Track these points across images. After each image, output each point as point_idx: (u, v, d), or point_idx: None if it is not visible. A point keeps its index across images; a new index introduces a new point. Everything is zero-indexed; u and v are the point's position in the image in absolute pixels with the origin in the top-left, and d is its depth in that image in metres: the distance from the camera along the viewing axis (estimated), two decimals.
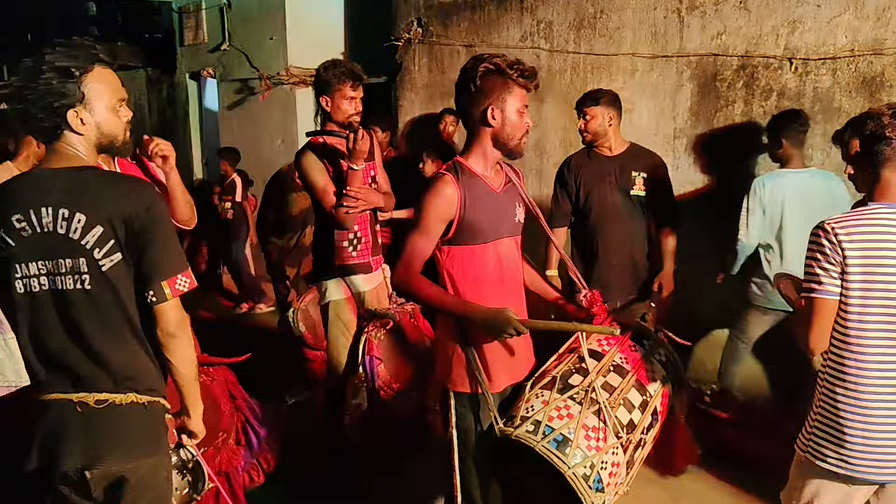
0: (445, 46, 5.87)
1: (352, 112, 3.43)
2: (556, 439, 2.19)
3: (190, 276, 1.98)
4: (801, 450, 2.24)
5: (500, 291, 2.46)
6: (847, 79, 3.97)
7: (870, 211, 2.10)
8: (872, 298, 2.05)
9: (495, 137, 2.38)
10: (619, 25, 4.80)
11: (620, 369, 2.40)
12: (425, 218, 2.35)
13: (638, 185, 3.82)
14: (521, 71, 2.33)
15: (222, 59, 8.40)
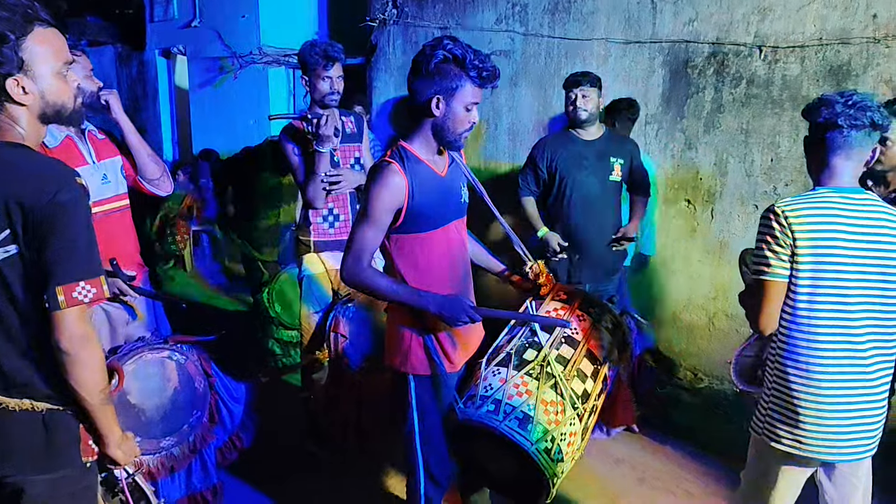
0: (420, 28, 5.85)
1: (327, 91, 3.46)
2: (517, 417, 2.23)
3: (98, 286, 1.70)
4: (756, 431, 2.29)
5: (451, 277, 2.46)
6: (815, 67, 4.04)
7: (818, 195, 2.15)
8: (822, 279, 2.11)
9: (435, 128, 2.31)
10: (593, 10, 4.82)
11: (572, 340, 2.46)
12: (373, 208, 2.27)
13: (616, 171, 3.89)
14: (481, 70, 2.22)
15: (193, 37, 8.28)
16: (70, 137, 2.80)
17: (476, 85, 2.25)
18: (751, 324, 2.21)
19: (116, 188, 2.98)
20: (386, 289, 2.32)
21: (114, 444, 1.88)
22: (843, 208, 2.13)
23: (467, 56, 2.21)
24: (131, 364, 2.72)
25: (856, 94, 2.16)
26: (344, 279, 2.36)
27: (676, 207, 4.66)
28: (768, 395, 2.24)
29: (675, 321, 4.78)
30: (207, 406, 2.89)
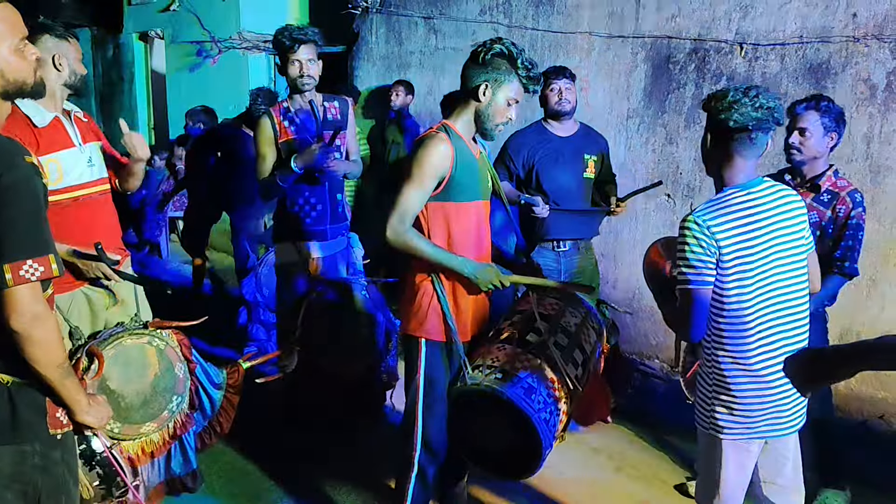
0: (404, 17, 5.84)
1: (296, 75, 3.42)
2: (523, 387, 2.41)
3: (47, 264, 1.69)
4: (703, 427, 2.35)
5: (478, 249, 2.64)
6: (794, 65, 4.10)
7: (731, 197, 2.17)
8: (747, 275, 2.15)
9: (478, 113, 2.51)
10: (577, 4, 4.84)
11: (566, 331, 2.67)
12: (421, 172, 2.46)
13: (590, 167, 3.90)
14: (529, 70, 2.45)
15: (172, 20, 8.18)
16: (58, 118, 2.79)
17: (521, 83, 2.47)
18: (682, 336, 2.27)
19: (100, 171, 2.97)
20: (427, 249, 2.49)
21: (82, 412, 1.89)
22: (754, 204, 2.18)
23: (520, 57, 2.45)
24: (111, 349, 2.69)
25: (760, 93, 2.15)
26: (388, 238, 2.50)
27: (657, 201, 4.71)
28: (709, 391, 2.29)
29: (653, 314, 4.82)
30: (188, 392, 2.88)
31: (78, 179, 2.80)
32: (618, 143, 4.76)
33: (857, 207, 2.99)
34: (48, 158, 2.68)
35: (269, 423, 3.82)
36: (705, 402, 2.31)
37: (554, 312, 2.73)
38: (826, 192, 3.02)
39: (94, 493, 2.15)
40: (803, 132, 2.97)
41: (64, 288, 2.81)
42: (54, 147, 2.71)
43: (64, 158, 2.74)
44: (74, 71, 2.78)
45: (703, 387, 2.32)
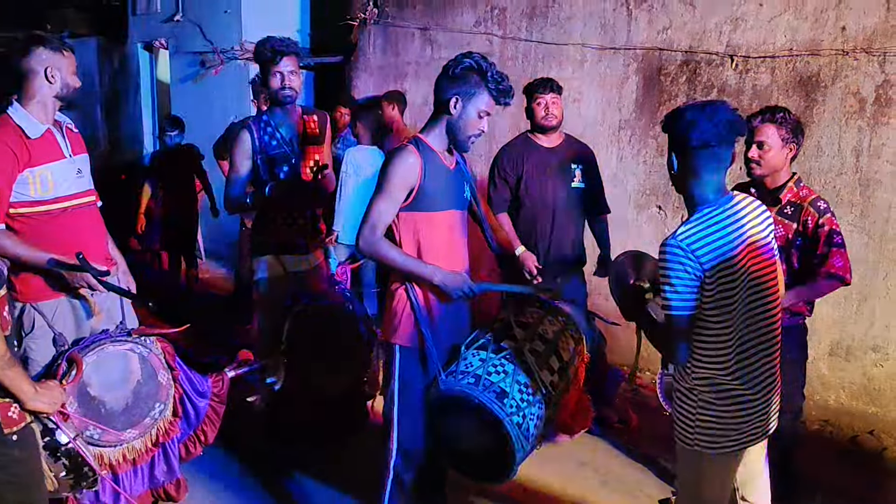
0: (400, 28, 5.88)
1: (278, 87, 3.38)
2: (494, 391, 2.45)
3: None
4: (687, 445, 2.32)
5: (449, 258, 2.67)
6: (785, 77, 4.11)
7: (707, 217, 2.13)
8: (728, 296, 2.13)
9: (449, 125, 2.58)
10: (569, 16, 4.87)
11: (543, 338, 2.70)
12: (390, 183, 2.54)
13: (577, 177, 3.89)
14: (499, 84, 2.51)
15: (175, 31, 8.26)
16: (50, 130, 2.81)
17: (491, 96, 2.53)
18: (668, 358, 2.28)
19: (89, 183, 2.98)
20: (397, 258, 2.58)
21: (29, 400, 1.98)
22: (730, 221, 2.16)
23: (489, 70, 2.52)
24: (93, 356, 2.71)
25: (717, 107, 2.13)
26: (360, 248, 2.59)
27: (648, 213, 4.72)
28: (692, 407, 2.27)
29: None
30: (171, 400, 2.89)
31: (68, 190, 2.82)
32: (609, 155, 4.78)
33: (823, 215, 2.93)
34: (40, 169, 2.71)
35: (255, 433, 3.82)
36: (687, 418, 2.29)
37: (532, 320, 2.76)
38: (788, 204, 2.97)
39: (60, 485, 2.21)
40: (761, 145, 2.94)
41: (49, 295, 2.84)
42: (46, 158, 2.74)
43: (55, 169, 2.77)
44: (67, 83, 2.79)
45: (685, 403, 2.30)
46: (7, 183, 2.64)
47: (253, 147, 3.41)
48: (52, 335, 2.85)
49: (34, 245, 2.73)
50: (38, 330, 2.86)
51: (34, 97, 2.75)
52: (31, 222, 2.75)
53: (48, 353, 2.83)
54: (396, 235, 2.63)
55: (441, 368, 2.59)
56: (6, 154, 2.63)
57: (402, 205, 2.58)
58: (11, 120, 2.71)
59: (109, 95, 10.33)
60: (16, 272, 2.79)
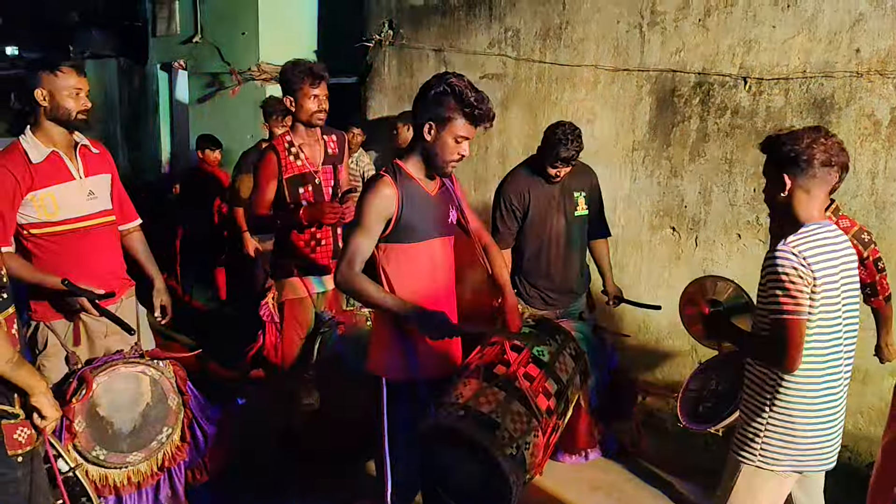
0: (415, 50, 5.92)
1: (315, 110, 3.45)
2: (485, 422, 2.33)
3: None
4: (747, 460, 2.36)
5: (433, 289, 2.58)
6: (798, 99, 4.08)
7: (816, 231, 2.25)
8: (830, 312, 2.23)
9: (425, 152, 2.47)
10: (583, 37, 4.88)
11: (538, 361, 2.59)
12: (366, 217, 2.45)
13: (581, 205, 3.85)
14: (474, 109, 2.36)
15: (194, 52, 8.36)
16: (56, 153, 2.82)
17: (468, 121, 2.39)
18: (777, 368, 2.26)
19: (103, 204, 2.99)
20: (374, 295, 2.45)
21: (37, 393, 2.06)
22: (831, 240, 2.27)
23: (464, 93, 2.35)
24: (104, 376, 2.74)
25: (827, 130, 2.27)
26: (337, 283, 2.48)
27: (662, 234, 4.69)
28: (762, 423, 2.33)
29: (659, 347, 4.79)
30: (180, 424, 2.89)
31: (76, 212, 2.85)
32: (623, 176, 4.77)
33: (867, 247, 3.09)
34: (44, 192, 2.75)
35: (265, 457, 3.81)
36: (754, 432, 2.35)
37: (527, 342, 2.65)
38: None
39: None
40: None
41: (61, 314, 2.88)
42: (50, 181, 2.77)
43: (60, 191, 2.80)
44: (61, 105, 2.75)
45: (754, 417, 2.35)
46: (9, 207, 2.68)
47: (278, 168, 3.43)
48: (65, 354, 2.88)
49: (47, 265, 2.77)
50: (50, 348, 2.90)
51: (36, 121, 2.80)
52: (41, 243, 2.79)
53: (61, 371, 2.86)
54: (378, 267, 2.54)
55: (430, 401, 2.46)
56: (7, 178, 2.68)
57: (382, 235, 2.49)
58: (19, 145, 2.77)
59: (129, 115, 10.48)
60: (31, 291, 2.83)
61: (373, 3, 6.23)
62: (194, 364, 3.01)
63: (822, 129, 2.29)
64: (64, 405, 2.55)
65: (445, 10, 5.70)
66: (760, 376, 2.35)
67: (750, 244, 4.32)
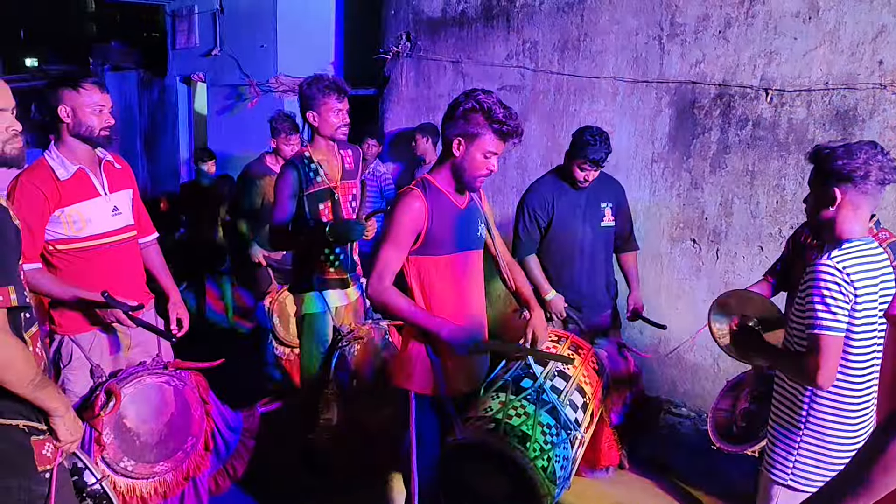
0: (433, 61, 5.95)
1: (339, 124, 3.44)
2: (516, 435, 2.34)
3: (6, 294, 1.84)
4: (779, 479, 2.33)
5: (462, 301, 2.59)
6: (821, 111, 4.06)
7: (858, 248, 2.21)
8: (870, 330, 2.20)
9: (454, 167, 2.50)
10: (601, 49, 4.88)
11: (564, 374, 2.61)
12: (396, 230, 2.45)
13: (607, 216, 3.84)
14: (503, 125, 2.39)
15: (213, 65, 8.45)
16: (82, 169, 2.82)
17: (496, 137, 2.42)
18: (810, 384, 2.23)
19: (126, 219, 2.99)
20: (405, 309, 2.47)
21: (56, 415, 2.01)
22: (872, 257, 2.24)
23: (493, 109, 2.39)
24: (130, 387, 2.74)
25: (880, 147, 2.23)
26: (368, 296, 2.50)
27: (682, 246, 4.67)
28: (794, 441, 2.30)
29: (680, 361, 4.76)
30: (203, 433, 2.90)
31: (102, 228, 2.86)
32: (642, 188, 4.76)
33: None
34: (71, 209, 2.76)
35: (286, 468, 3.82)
36: (787, 450, 2.31)
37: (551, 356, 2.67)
38: None
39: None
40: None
41: (85, 327, 2.89)
42: (77, 198, 2.78)
43: (87, 208, 2.81)
44: (83, 122, 2.76)
45: (787, 435, 2.32)
46: (39, 224, 2.69)
47: (299, 185, 3.44)
48: (90, 367, 2.90)
49: (72, 280, 2.79)
50: (75, 361, 2.91)
51: (60, 137, 2.80)
52: (67, 259, 2.81)
53: (85, 384, 2.87)
54: (407, 279, 2.55)
55: (459, 414, 2.48)
56: (36, 196, 2.68)
57: (411, 248, 2.50)
58: (45, 161, 2.78)
59: (149, 127, 10.58)
60: (55, 305, 2.85)
61: (391, 16, 6.28)
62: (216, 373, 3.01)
63: (876, 145, 2.24)
64: (93, 417, 2.57)
65: (463, 21, 5.73)
66: (793, 392, 2.32)
67: (772, 257, 4.28)
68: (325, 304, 3.55)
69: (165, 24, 9.58)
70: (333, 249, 3.52)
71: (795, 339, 2.29)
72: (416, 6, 6.08)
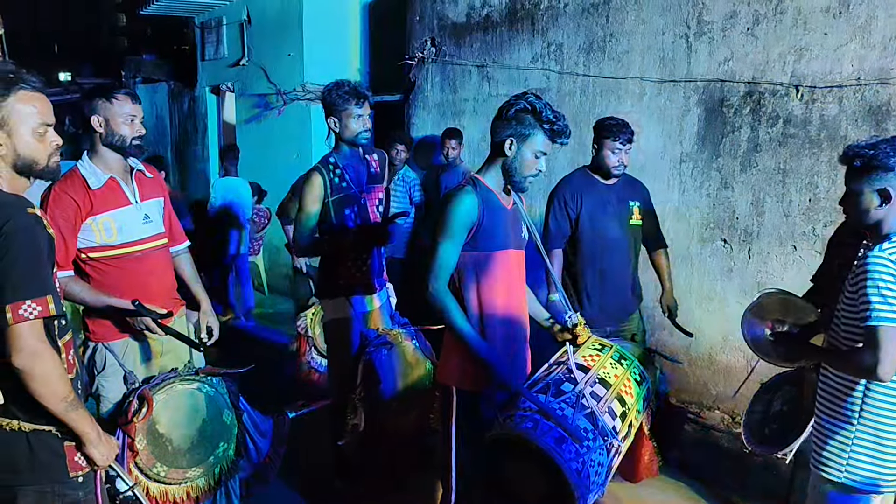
0: (458, 66, 5.95)
1: (360, 130, 3.44)
2: (553, 436, 2.33)
3: (45, 304, 1.86)
4: (833, 477, 2.30)
5: (508, 298, 2.63)
6: (853, 107, 3.99)
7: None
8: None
9: (505, 167, 2.56)
10: (627, 49, 4.85)
11: (604, 382, 2.60)
12: (451, 225, 2.51)
13: (635, 215, 3.83)
14: (553, 125, 2.48)
15: (241, 75, 8.55)
16: (114, 178, 2.87)
17: (547, 137, 2.51)
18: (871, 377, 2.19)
19: (157, 227, 3.03)
20: (459, 322, 2.52)
21: (90, 444, 2.02)
22: None
23: (544, 111, 2.48)
24: (162, 394, 2.78)
25: None
26: (429, 294, 2.54)
27: (712, 246, 4.61)
28: (848, 438, 2.27)
29: (712, 363, 4.69)
30: (234, 439, 2.93)
31: (133, 236, 2.90)
32: (671, 188, 4.71)
33: None
34: (102, 217, 2.80)
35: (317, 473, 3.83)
36: (840, 447, 2.29)
37: (594, 364, 2.68)
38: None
39: None
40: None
41: (118, 335, 2.93)
42: (108, 206, 2.82)
43: (118, 217, 2.85)
44: (116, 132, 2.81)
45: (839, 431, 2.29)
46: (71, 232, 2.74)
47: (326, 190, 3.46)
48: (123, 373, 2.94)
49: (104, 288, 2.83)
50: (108, 368, 2.95)
51: (93, 147, 2.86)
52: (99, 266, 2.85)
53: (119, 390, 2.91)
54: (456, 274, 2.59)
55: (499, 412, 2.50)
56: (69, 205, 2.73)
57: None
58: (78, 171, 2.83)
59: (179, 137, 10.75)
60: (88, 313, 2.90)
61: (415, 22, 6.30)
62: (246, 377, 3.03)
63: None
64: (126, 424, 2.60)
65: (488, 26, 5.73)
66: (843, 388, 2.29)
67: (806, 256, 4.22)
68: (352, 309, 3.56)
69: (194, 37, 9.73)
70: (360, 254, 3.52)
71: (846, 335, 2.26)
72: (440, 12, 6.10)
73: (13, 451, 1.96)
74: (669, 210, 4.69)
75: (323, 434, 3.80)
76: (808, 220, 4.19)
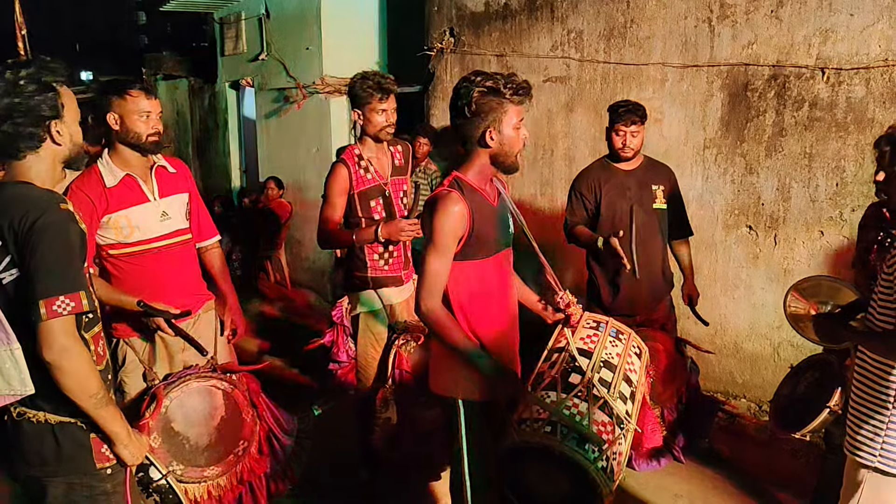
0: (477, 56, 5.90)
1: (384, 124, 3.39)
2: (574, 437, 2.27)
3: (78, 300, 1.87)
4: (866, 461, 2.26)
5: (502, 304, 2.54)
6: (881, 89, 3.89)
7: None
8: None
9: (494, 157, 2.42)
10: (648, 35, 4.77)
11: (609, 364, 2.53)
12: (440, 237, 2.36)
13: (659, 198, 3.78)
14: (514, 88, 2.34)
15: (261, 69, 8.55)
16: (130, 176, 2.87)
17: (514, 104, 2.37)
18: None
19: (177, 223, 3.02)
20: (456, 337, 2.39)
21: (119, 443, 2.04)
22: None
23: (499, 82, 2.33)
24: (177, 391, 2.76)
25: None
26: (421, 313, 2.41)
27: (737, 233, 4.53)
28: (882, 421, 2.23)
29: (738, 351, 4.62)
30: (256, 437, 2.90)
31: (150, 233, 2.90)
32: (694, 175, 4.63)
33: None
34: (118, 214, 2.82)
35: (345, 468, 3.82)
36: (874, 431, 2.25)
37: (594, 345, 2.59)
38: None
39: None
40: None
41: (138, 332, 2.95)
42: (124, 204, 2.83)
43: (134, 214, 2.85)
44: (130, 129, 2.80)
45: (873, 414, 2.25)
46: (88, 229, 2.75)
47: (350, 182, 3.43)
48: (143, 370, 2.95)
49: (124, 284, 2.84)
50: (129, 364, 2.98)
51: (111, 144, 2.87)
52: (119, 263, 2.87)
53: (139, 386, 2.94)
54: (449, 285, 2.44)
55: (511, 418, 2.38)
56: (85, 203, 2.74)
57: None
58: (96, 168, 2.84)
59: (200, 132, 10.80)
60: (112, 310, 2.91)
61: (433, 12, 6.25)
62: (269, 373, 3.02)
63: None
64: (139, 420, 2.60)
65: (506, 14, 5.67)
66: (878, 371, 2.24)
67: (833, 241, 4.13)
68: (379, 301, 3.54)
69: (214, 32, 9.74)
70: (387, 247, 3.50)
71: (882, 317, 2.21)
72: (458, 1, 6.04)
73: (41, 444, 1.98)
74: (693, 197, 4.61)
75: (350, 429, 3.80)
76: (835, 204, 4.10)
